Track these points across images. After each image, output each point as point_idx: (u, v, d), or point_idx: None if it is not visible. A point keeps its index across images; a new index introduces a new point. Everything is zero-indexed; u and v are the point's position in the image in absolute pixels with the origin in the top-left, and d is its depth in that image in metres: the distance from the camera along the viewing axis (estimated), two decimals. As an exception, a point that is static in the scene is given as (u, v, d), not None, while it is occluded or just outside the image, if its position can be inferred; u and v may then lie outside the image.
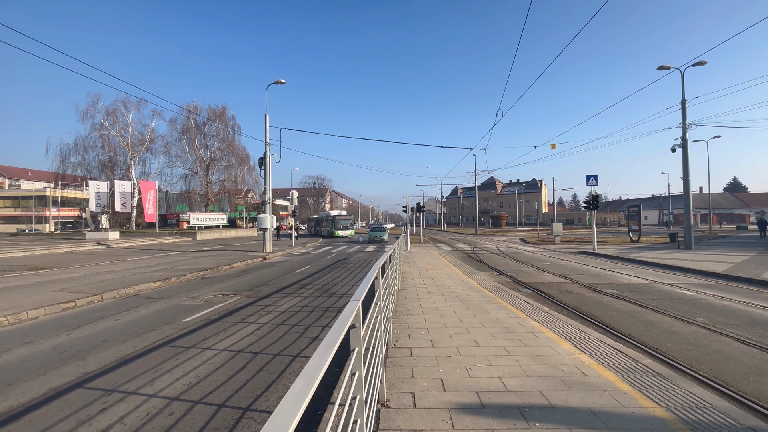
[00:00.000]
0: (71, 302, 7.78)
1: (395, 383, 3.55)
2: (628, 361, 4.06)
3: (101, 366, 4.53)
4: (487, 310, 6.49)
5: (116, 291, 9.01)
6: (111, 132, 37.46)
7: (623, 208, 67.39)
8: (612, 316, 6.73)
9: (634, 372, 3.76)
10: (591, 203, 19.87)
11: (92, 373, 4.33)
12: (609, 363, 3.99)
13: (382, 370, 3.08)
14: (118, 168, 39.31)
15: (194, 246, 25.12)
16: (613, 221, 78.30)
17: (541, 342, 4.69)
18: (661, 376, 3.65)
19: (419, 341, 4.79)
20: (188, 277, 11.66)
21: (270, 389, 3.82)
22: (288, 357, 4.70)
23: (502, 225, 75.53)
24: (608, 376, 3.64)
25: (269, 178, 20.30)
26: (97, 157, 37.99)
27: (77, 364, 4.59)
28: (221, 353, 4.86)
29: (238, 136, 45.29)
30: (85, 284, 9.80)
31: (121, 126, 38.03)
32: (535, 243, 27.08)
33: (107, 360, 4.72)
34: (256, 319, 6.62)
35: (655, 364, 4.05)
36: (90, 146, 37.34)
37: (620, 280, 10.60)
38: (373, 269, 3.45)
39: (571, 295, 8.66)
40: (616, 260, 15.50)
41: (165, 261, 15.76)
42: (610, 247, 20.94)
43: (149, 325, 6.35)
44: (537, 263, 14.78)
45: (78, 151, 37.21)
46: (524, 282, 10.42)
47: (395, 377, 3.69)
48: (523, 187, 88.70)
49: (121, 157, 38.97)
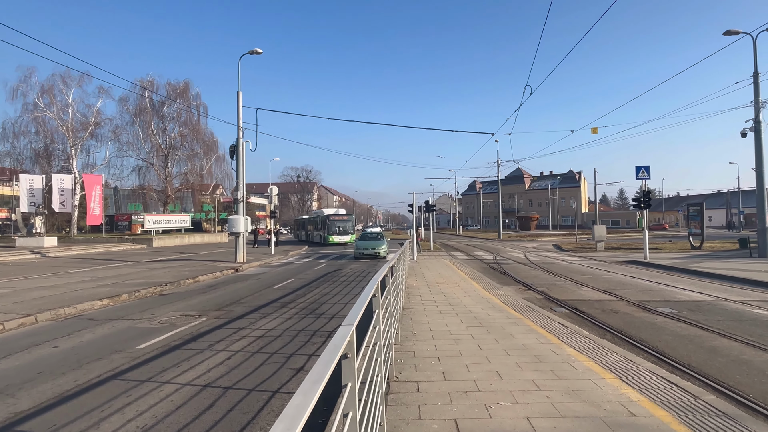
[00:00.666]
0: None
1: (398, 425, 3.57)
2: (686, 397, 4.08)
3: (35, 404, 4.55)
4: (512, 334, 6.51)
5: (54, 311, 9.04)
6: (47, 114, 37.55)
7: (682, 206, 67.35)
8: (667, 341, 6.74)
9: (693, 411, 3.77)
10: (642, 201, 19.89)
11: (24, 413, 4.35)
12: (663, 400, 4.00)
13: (382, 410, 3.10)
14: (56, 158, 39.43)
15: (150, 255, 25.18)
16: (670, 223, 78.33)
17: (578, 374, 4.70)
18: (727, 417, 3.67)
19: (428, 373, 4.81)
20: (142, 293, 11.69)
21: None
22: (266, 393, 4.72)
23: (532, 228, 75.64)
24: (662, 417, 3.65)
25: (243, 170, 20.36)
26: (29, 145, 38.10)
27: (6, 402, 4.61)
28: (184, 388, 4.88)
29: (204, 119, 45.44)
30: (15, 303, 9.83)
31: (59, 106, 38.13)
32: (572, 250, 27.12)
33: (43, 397, 4.74)
34: (227, 345, 6.64)
35: (720, 401, 4.06)
36: (21, 131, 37.46)
37: (678, 296, 10.61)
38: (371, 284, 3.47)
39: (616, 315, 8.68)
40: (673, 271, 15.51)
41: (114, 273, 15.80)
42: (665, 256, 20.96)
43: (95, 353, 6.37)
44: (574, 276, 14.79)
45: (6, 138, 37.34)
46: (558, 299, 10.44)
47: (398, 418, 3.71)
48: (558, 180, 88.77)
49: (59, 144, 39.08)
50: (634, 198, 20.61)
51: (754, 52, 18.38)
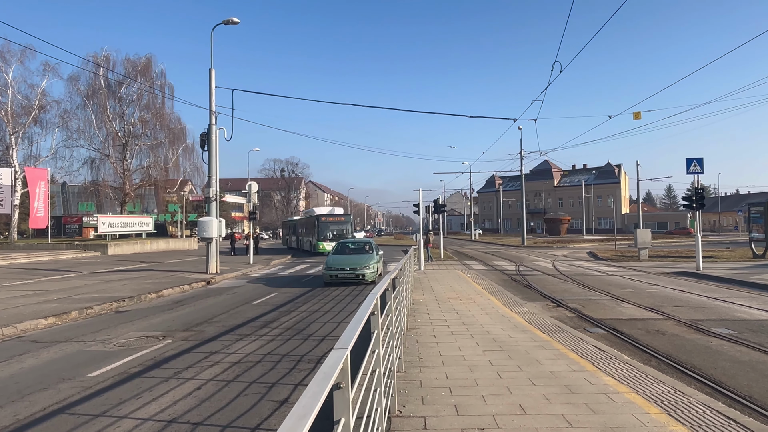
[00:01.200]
0: (-77, 348, 7.82)
1: (401, 469, 3.57)
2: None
3: (-32, 443, 4.56)
4: (538, 359, 6.51)
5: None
6: (-18, 95, 37.65)
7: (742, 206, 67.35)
8: (724, 368, 6.73)
9: (755, 452, 3.77)
10: (693, 200, 19.90)
11: (-46, 453, 4.36)
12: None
13: (381, 450, 3.09)
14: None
15: (105, 264, 25.21)
16: (728, 226, 78.43)
17: (618, 407, 4.70)
18: (796, 459, 3.66)
19: (437, 406, 4.81)
20: (96, 310, 11.72)
21: (216, 478, 3.84)
22: (243, 430, 4.73)
23: (562, 232, 75.76)
24: (717, 459, 3.64)
25: (216, 163, 20.41)
26: (-40, 133, 38.20)
27: (-68, 441, 4.62)
28: (145, 424, 4.89)
29: (170, 102, 45.56)
30: (-57, 321, 9.85)
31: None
32: (610, 259, 27.14)
33: (-24, 434, 4.75)
34: (197, 373, 6.65)
35: (788, 440, 4.05)
36: (-49, 117, 37.56)
37: (737, 314, 10.61)
38: (369, 300, 3.47)
39: (663, 337, 8.68)
40: (731, 284, 15.51)
41: (62, 287, 15.83)
42: (721, 266, 20.95)
43: (38, 382, 6.37)
44: (613, 290, 14.80)
45: (-68, 124, 37.45)
46: (594, 318, 10.44)
47: (402, 460, 3.70)
48: (593, 175, 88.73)
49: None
50: (684, 196, 20.69)
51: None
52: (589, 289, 15.07)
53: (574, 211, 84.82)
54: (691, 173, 20.36)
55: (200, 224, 20.27)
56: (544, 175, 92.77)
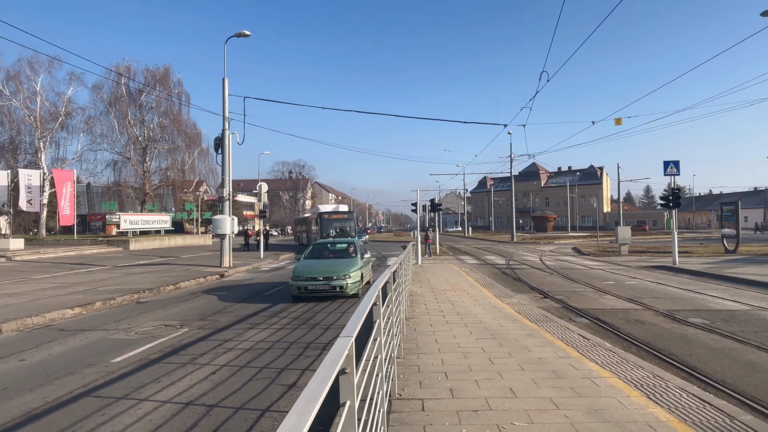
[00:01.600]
0: (-41, 336, 7.83)
1: (401, 448, 3.56)
2: (720, 417, 4.07)
3: (0, 424, 4.55)
4: (527, 346, 6.51)
5: (20, 321, 9.06)
6: (13, 102, 37.60)
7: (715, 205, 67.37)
8: (699, 355, 6.73)
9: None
10: (670, 199, 19.89)
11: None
12: (694, 420, 3.99)
13: (383, 430, 3.09)
14: (23, 152, 39.53)
15: (126, 258, 25.23)
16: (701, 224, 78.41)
17: (601, 391, 4.70)
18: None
19: (434, 390, 4.81)
20: (118, 301, 11.72)
21: (230, 456, 3.84)
22: (255, 411, 4.72)
23: (549, 229, 75.72)
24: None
25: (229, 165, 20.38)
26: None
27: (-32, 421, 4.62)
28: (164, 406, 4.89)
29: (186, 108, 45.49)
30: (-23, 311, 9.86)
31: (26, 94, 38.18)
32: (593, 254, 27.13)
33: (8, 415, 4.74)
34: (212, 359, 6.65)
35: (758, 421, 4.05)
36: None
37: (710, 305, 10.61)
38: (371, 292, 3.47)
39: (642, 326, 8.68)
40: (705, 278, 15.50)
41: (87, 279, 15.84)
42: (696, 260, 20.95)
43: (65, 367, 6.38)
44: (596, 282, 14.79)
45: (-33, 129, 37.42)
46: (578, 308, 10.44)
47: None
48: (578, 177, 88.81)
49: (26, 136, 39.18)
50: (662, 196, 20.69)
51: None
52: (573, 282, 15.07)
53: (560, 210, 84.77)
54: (668, 175, 20.35)
55: (214, 222, 20.25)
56: (532, 176, 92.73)
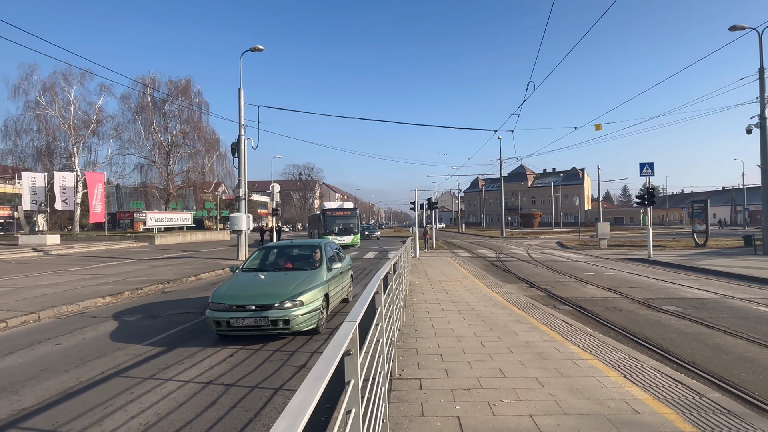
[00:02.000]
0: (2, 323, 7.86)
1: (401, 423, 3.57)
2: (691, 395, 4.06)
3: (39, 401, 4.57)
4: (515, 331, 6.51)
5: (56, 308, 9.09)
6: (49, 111, 37.59)
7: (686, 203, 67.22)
8: (671, 338, 6.73)
9: (698, 409, 3.76)
10: (645, 198, 19.84)
11: (28, 410, 4.38)
12: (667, 397, 3.99)
13: (384, 407, 3.10)
14: (58, 156, 39.51)
15: (152, 252, 25.26)
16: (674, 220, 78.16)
17: (582, 371, 4.70)
18: (732, 415, 3.65)
19: (431, 370, 4.81)
20: (145, 291, 11.74)
21: (246, 430, 3.85)
22: (269, 390, 4.73)
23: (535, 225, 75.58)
24: (666, 414, 3.64)
25: (244, 167, 20.38)
26: (32, 143, 38.15)
27: (10, 399, 4.64)
28: (186, 385, 4.90)
29: (206, 116, 45.42)
30: (18, 300, 9.88)
31: (61, 104, 38.17)
32: (575, 248, 27.09)
33: (46, 394, 4.76)
34: (230, 342, 6.66)
35: (725, 399, 4.05)
36: (23, 129, 37.52)
37: (681, 294, 10.59)
38: (373, 281, 3.47)
39: (620, 312, 8.67)
40: (677, 269, 15.48)
41: (116, 271, 15.87)
42: (669, 253, 20.90)
43: (97, 350, 6.40)
44: (578, 273, 14.77)
45: (9, 136, 37.42)
46: (562, 297, 10.43)
47: (401, 415, 3.71)
48: (561, 177, 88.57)
49: (61, 142, 39.15)
50: (638, 195, 20.57)
51: (760, 47, 18.24)
52: (557, 273, 15.05)
53: (545, 208, 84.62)
54: (644, 176, 20.29)
55: (232, 219, 20.27)
56: (519, 177, 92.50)
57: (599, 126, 24.01)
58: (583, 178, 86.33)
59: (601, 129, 23.99)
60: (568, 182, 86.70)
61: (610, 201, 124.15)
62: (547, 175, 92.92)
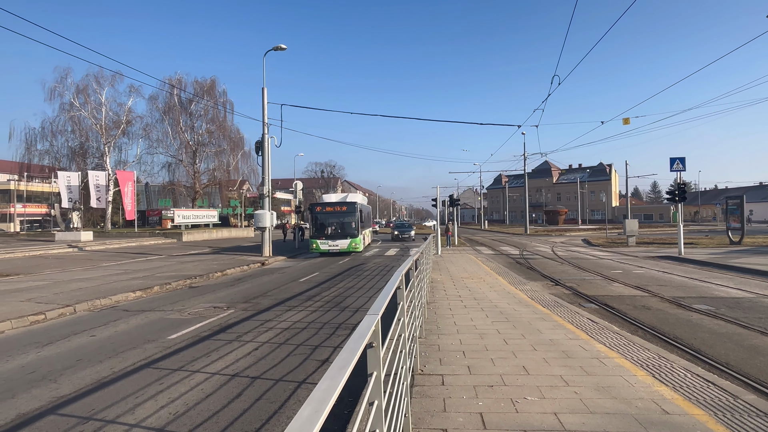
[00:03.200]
0: (41, 314, 8.24)
1: (423, 418, 3.58)
2: (724, 396, 3.93)
3: (76, 389, 4.78)
4: (539, 329, 6.42)
5: (90, 302, 9.46)
6: (82, 113, 38.99)
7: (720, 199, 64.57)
8: (703, 338, 6.51)
9: (732, 411, 3.64)
10: (676, 194, 19.18)
11: (66, 397, 4.58)
12: (698, 398, 3.87)
13: (406, 401, 3.11)
14: (91, 156, 40.94)
15: (180, 248, 25.95)
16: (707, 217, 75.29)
17: (608, 370, 4.60)
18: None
19: (453, 367, 4.80)
20: (173, 285, 12.08)
21: (271, 421, 3.93)
22: (292, 383, 4.81)
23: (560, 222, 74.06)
24: (697, 416, 3.53)
25: (268, 165, 20.69)
26: (66, 143, 39.66)
27: (49, 387, 4.87)
28: (213, 377, 5.03)
29: (230, 115, 46.19)
30: (55, 294, 10.33)
31: (93, 105, 39.54)
32: (602, 245, 26.44)
33: (82, 382, 4.98)
34: (254, 337, 6.80)
35: (761, 401, 3.90)
36: (58, 130, 39.04)
37: (715, 292, 10.22)
38: (395, 277, 3.48)
39: (648, 311, 8.44)
40: (710, 267, 14.92)
41: (146, 267, 16.38)
42: (701, 251, 20.17)
43: (129, 342, 6.64)
44: (604, 271, 14.43)
45: (45, 137, 38.98)
46: (588, 295, 10.22)
47: (423, 410, 3.72)
48: (587, 173, 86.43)
49: (93, 142, 40.56)
50: (668, 191, 19.87)
51: (802, 35, 17.35)
52: (583, 271, 14.73)
53: (571, 204, 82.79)
54: (674, 171, 19.60)
55: (256, 216, 20.61)
56: (544, 173, 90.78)
57: (627, 120, 23.31)
58: (610, 174, 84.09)
59: (629, 123, 23.30)
60: (595, 178, 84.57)
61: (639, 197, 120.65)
62: (573, 171, 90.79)
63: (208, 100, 43.20)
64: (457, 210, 37.01)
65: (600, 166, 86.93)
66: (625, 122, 23.30)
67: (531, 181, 66.74)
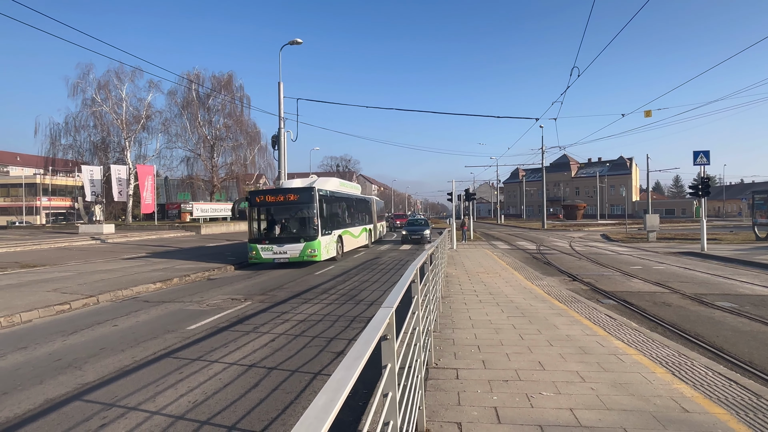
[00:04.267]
0: (66, 304, 8.51)
1: (437, 411, 3.60)
2: (746, 395, 3.84)
3: (99, 377, 4.94)
4: (555, 324, 6.36)
5: (113, 293, 9.73)
6: (104, 108, 39.84)
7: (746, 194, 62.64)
8: (726, 336, 6.36)
9: (755, 410, 3.55)
10: (699, 188, 18.68)
11: (90, 384, 4.74)
12: (719, 397, 3.79)
13: (420, 394, 3.13)
14: (112, 150, 41.89)
15: (199, 241, 26.43)
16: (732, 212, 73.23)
17: (626, 367, 4.54)
18: (793, 417, 3.42)
19: (468, 361, 4.80)
20: (192, 277, 12.32)
21: (287, 411, 4.00)
22: (308, 374, 4.88)
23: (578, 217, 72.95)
24: (718, 414, 3.47)
25: (284, 159, 20.84)
26: (89, 138, 40.69)
27: (74, 374, 5.04)
28: (231, 367, 5.13)
29: (247, 110, 46.63)
30: (79, 284, 10.64)
31: (114, 101, 40.34)
32: (621, 241, 25.97)
33: (105, 370, 5.13)
34: (271, 328, 6.90)
35: (786, 400, 3.80)
36: (81, 125, 40.03)
37: (739, 290, 9.95)
38: (409, 271, 3.49)
39: (669, 308, 8.27)
40: (734, 264, 14.52)
41: (166, 259, 16.71)
42: (725, 247, 19.64)
43: (150, 332, 6.81)
44: (623, 267, 14.18)
45: (69, 132, 40.04)
46: (606, 291, 10.06)
47: (437, 403, 3.73)
48: (607, 167, 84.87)
49: (114, 137, 41.48)
50: (690, 186, 19.39)
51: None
52: (601, 266, 14.50)
53: (589, 199, 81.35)
54: (698, 164, 19.09)
55: (272, 209, 20.77)
56: (562, 167, 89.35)
57: (649, 113, 22.75)
58: (630, 168, 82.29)
59: (650, 116, 22.72)
60: (615, 172, 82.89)
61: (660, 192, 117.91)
62: (592, 164, 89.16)
63: (225, 95, 43.67)
64: (473, 204, 36.71)
65: (620, 159, 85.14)
66: (646, 115, 22.76)
67: (549, 175, 65.76)
